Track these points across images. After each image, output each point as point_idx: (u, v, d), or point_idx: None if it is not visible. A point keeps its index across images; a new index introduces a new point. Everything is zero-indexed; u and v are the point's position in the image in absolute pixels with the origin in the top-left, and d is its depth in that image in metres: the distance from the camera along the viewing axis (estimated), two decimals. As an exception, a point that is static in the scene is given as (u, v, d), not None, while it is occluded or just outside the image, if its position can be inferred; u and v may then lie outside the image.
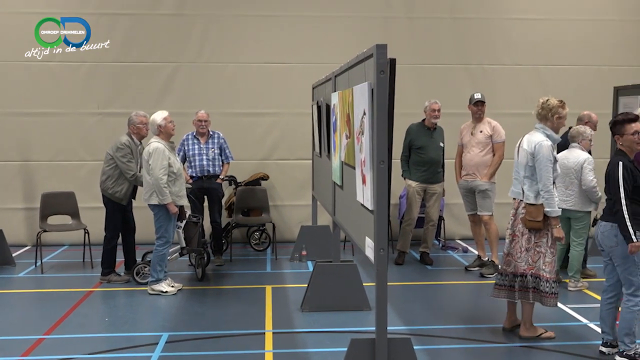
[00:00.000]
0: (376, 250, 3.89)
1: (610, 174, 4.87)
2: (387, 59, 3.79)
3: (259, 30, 9.41)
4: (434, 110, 7.91)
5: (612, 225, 4.85)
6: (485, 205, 7.56)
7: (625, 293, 4.90)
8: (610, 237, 4.87)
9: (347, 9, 9.48)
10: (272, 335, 5.64)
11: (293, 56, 9.42)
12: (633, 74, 9.36)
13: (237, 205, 8.79)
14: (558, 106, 5.26)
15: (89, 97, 9.26)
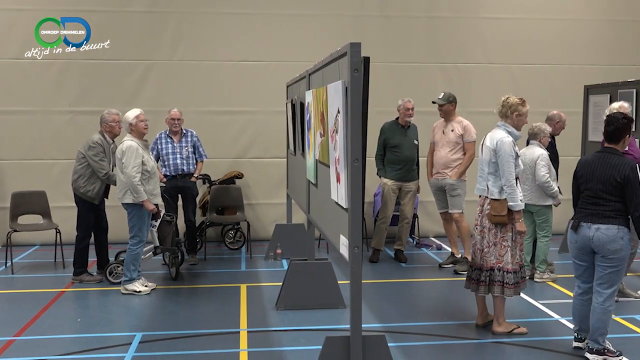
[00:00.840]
0: (350, 248, 3.90)
1: (628, 177, 4.71)
2: (361, 57, 3.79)
3: (233, 28, 9.37)
4: (407, 109, 7.95)
5: (619, 227, 4.75)
6: (456, 203, 7.64)
7: (605, 292, 4.84)
8: (616, 240, 4.73)
9: (321, 7, 9.48)
10: (247, 334, 5.62)
11: (267, 54, 9.40)
12: (603, 73, 9.50)
13: (212, 204, 8.74)
14: (518, 104, 5.41)
15: (60, 95, 9.14)
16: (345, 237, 4.03)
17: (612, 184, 4.76)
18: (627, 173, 4.71)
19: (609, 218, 4.76)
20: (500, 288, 5.38)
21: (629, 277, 7.36)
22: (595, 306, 4.89)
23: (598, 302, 4.87)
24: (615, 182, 4.74)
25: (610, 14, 10.04)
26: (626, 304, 6.35)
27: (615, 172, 4.75)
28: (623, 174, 4.72)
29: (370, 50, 5.36)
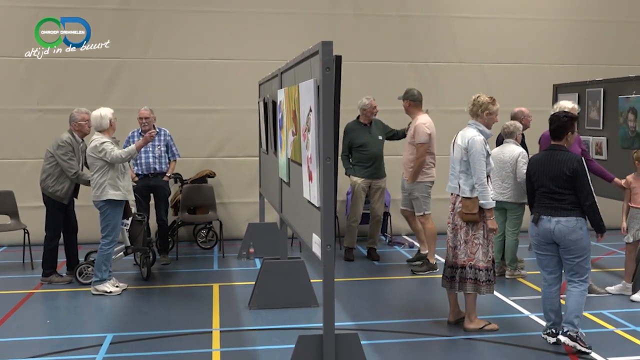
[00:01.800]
0: (323, 247, 3.90)
1: (576, 170, 5.00)
2: (332, 55, 3.80)
3: (205, 26, 9.30)
4: (374, 107, 7.98)
5: (578, 219, 5.01)
6: (415, 205, 7.69)
7: (578, 280, 5.09)
8: (576, 231, 5.00)
9: (293, 6, 9.47)
10: (220, 333, 5.60)
11: (240, 52, 9.36)
12: (572, 73, 9.65)
13: (183, 203, 8.68)
14: (488, 102, 5.47)
15: (29, 94, 8.99)
16: (318, 236, 4.04)
17: (563, 179, 5.04)
18: (575, 166, 5.01)
19: (567, 210, 5.04)
20: (473, 285, 5.44)
21: (597, 273, 7.49)
22: (571, 290, 5.12)
23: (574, 287, 5.12)
24: (566, 176, 5.03)
25: (579, 14, 10.19)
26: (595, 300, 6.45)
27: (564, 167, 5.04)
28: (571, 168, 5.01)
29: (342, 49, 5.37)
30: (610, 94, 7.49)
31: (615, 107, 7.32)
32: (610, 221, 9.28)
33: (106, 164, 6.56)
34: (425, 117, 7.64)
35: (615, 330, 5.61)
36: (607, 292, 6.62)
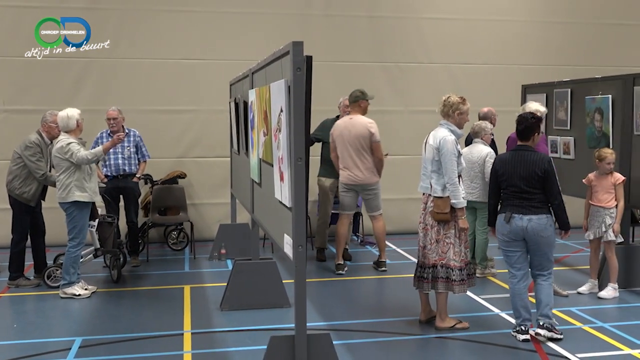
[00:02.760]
0: (294, 247, 3.90)
1: (547, 171, 5.19)
2: (303, 56, 3.79)
3: (175, 25, 9.23)
4: (347, 106, 7.96)
5: (547, 216, 5.22)
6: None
7: (545, 273, 5.33)
8: (547, 228, 5.21)
9: (264, 6, 9.44)
10: (191, 335, 5.55)
11: (210, 52, 9.30)
12: (540, 73, 9.78)
13: (154, 204, 8.60)
14: (459, 102, 5.52)
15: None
16: (289, 236, 4.03)
17: (534, 179, 5.19)
18: (546, 167, 5.19)
19: (538, 209, 5.21)
20: (444, 284, 5.46)
21: (565, 271, 7.60)
22: (541, 284, 5.35)
23: (543, 280, 5.35)
24: (537, 176, 5.18)
25: (547, 16, 10.34)
26: (563, 297, 6.55)
27: (536, 167, 5.20)
28: (543, 168, 5.18)
29: (313, 49, 5.36)
30: (577, 95, 7.61)
31: (583, 107, 7.44)
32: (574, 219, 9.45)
33: (72, 165, 6.47)
34: None
35: (583, 327, 5.70)
36: (565, 294, 6.63)
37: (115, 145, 6.88)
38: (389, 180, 9.54)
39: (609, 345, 5.25)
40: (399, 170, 9.63)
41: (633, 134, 6.72)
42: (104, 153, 6.67)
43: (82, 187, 6.53)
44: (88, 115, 6.95)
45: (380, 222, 7.72)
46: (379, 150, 7.46)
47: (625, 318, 5.95)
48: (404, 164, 9.55)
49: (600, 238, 6.58)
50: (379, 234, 7.73)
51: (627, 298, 6.55)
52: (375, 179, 7.51)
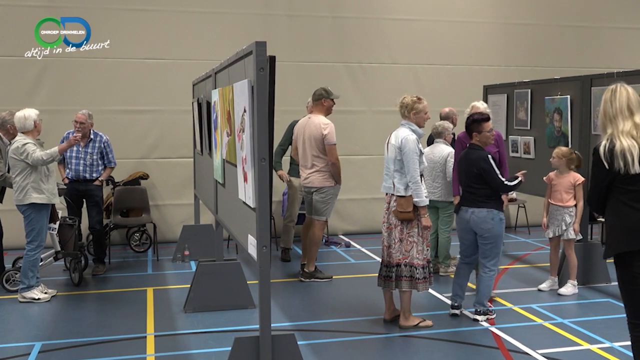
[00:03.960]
0: (259, 248, 3.88)
1: (484, 167, 5.55)
2: (266, 56, 3.78)
3: (136, 24, 9.12)
4: None
5: (488, 210, 5.61)
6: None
7: (487, 264, 5.73)
8: (487, 221, 5.61)
9: (227, 6, 9.39)
10: (154, 338, 5.49)
11: (172, 52, 9.21)
12: (501, 74, 9.94)
13: (116, 206, 8.48)
14: (414, 102, 5.57)
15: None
16: (254, 237, 4.01)
17: (473, 175, 5.64)
18: (481, 165, 5.59)
19: (480, 202, 5.63)
20: (409, 283, 5.52)
21: (526, 268, 7.72)
22: (482, 276, 5.79)
23: (484, 272, 5.77)
24: (474, 173, 5.62)
25: (508, 17, 10.50)
26: (524, 295, 6.66)
27: (473, 165, 5.64)
28: (478, 166, 5.60)
29: (276, 50, 5.35)
30: (537, 95, 7.75)
31: (542, 107, 7.58)
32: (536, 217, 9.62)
33: (28, 166, 6.34)
34: None
35: (544, 324, 5.80)
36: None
37: (72, 146, 6.72)
38: (353, 180, 9.60)
39: (569, 341, 5.35)
40: (363, 170, 9.69)
41: (591, 134, 6.86)
42: (60, 154, 6.51)
43: (39, 189, 6.40)
44: (46, 116, 6.80)
45: (316, 229, 7.22)
46: (332, 153, 7.02)
47: (585, 314, 6.08)
48: (368, 164, 9.61)
49: (559, 236, 6.71)
50: (310, 240, 7.26)
51: (586, 294, 6.69)
52: (326, 183, 7.09)
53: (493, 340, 5.37)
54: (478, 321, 5.79)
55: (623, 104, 3.70)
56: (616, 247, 3.73)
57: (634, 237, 3.65)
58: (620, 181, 3.67)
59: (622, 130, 3.65)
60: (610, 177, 3.69)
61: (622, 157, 3.60)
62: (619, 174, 3.65)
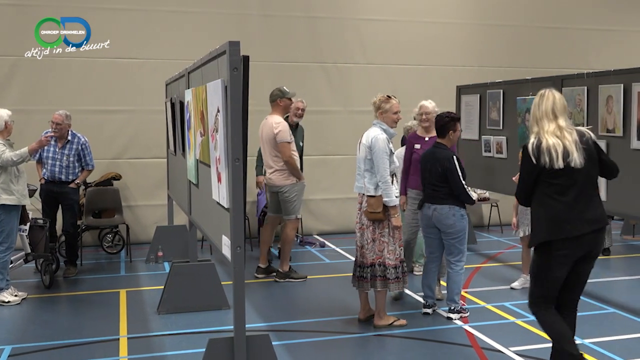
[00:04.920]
0: (233, 248, 3.86)
1: (450, 167, 5.65)
2: (240, 56, 3.77)
3: (108, 24, 9.01)
4: (298, 109, 7.81)
5: (450, 207, 5.72)
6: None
7: (453, 260, 5.83)
8: (449, 217, 5.72)
9: (201, 5, 9.34)
10: (127, 340, 5.44)
11: (145, 52, 9.13)
12: (474, 74, 10.02)
13: (87, 207, 8.37)
14: (382, 101, 5.60)
15: None
16: (228, 237, 4.00)
17: (438, 173, 5.72)
18: (446, 165, 5.69)
19: (442, 199, 5.73)
20: (382, 282, 5.53)
21: (499, 267, 7.80)
22: (450, 273, 5.88)
23: (451, 269, 5.87)
24: (439, 172, 5.72)
25: (480, 18, 10.60)
26: (496, 293, 6.72)
27: (439, 164, 5.72)
28: (444, 166, 5.69)
29: (250, 49, 5.33)
30: (509, 95, 7.82)
31: (514, 107, 7.65)
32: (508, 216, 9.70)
33: None
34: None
35: (516, 321, 5.86)
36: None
37: (43, 146, 6.63)
38: (327, 180, 9.62)
39: (540, 339, 5.41)
40: (338, 170, 9.70)
41: (562, 134, 6.94)
42: (30, 154, 6.41)
43: (9, 190, 6.30)
44: (16, 117, 6.70)
45: (288, 229, 7.22)
46: (285, 152, 7.00)
47: (556, 311, 6.15)
48: (343, 163, 9.63)
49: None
50: (283, 240, 7.29)
51: (558, 292, 6.77)
52: (286, 182, 7.10)
53: (467, 338, 5.42)
54: (452, 319, 5.84)
55: (549, 108, 4.05)
56: (540, 236, 4.09)
57: (556, 227, 4.02)
58: (546, 175, 4.02)
59: (547, 131, 4.02)
60: (537, 172, 4.04)
61: (548, 153, 3.97)
62: (544, 169, 4.00)
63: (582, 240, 4.03)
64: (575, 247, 4.04)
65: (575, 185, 3.99)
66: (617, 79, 6.15)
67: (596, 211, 4.07)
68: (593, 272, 4.34)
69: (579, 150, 3.97)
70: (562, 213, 4.01)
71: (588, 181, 4.04)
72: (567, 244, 4.03)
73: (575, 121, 6.71)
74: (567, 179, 3.99)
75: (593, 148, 4.06)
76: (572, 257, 4.07)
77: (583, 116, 6.60)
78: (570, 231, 3.99)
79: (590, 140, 4.07)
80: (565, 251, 4.04)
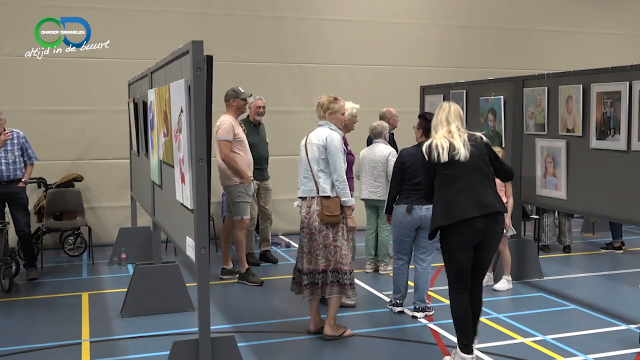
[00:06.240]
0: (197, 250, 3.83)
1: None
2: (203, 55, 3.74)
3: (70, 22, 8.85)
4: (258, 107, 7.81)
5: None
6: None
7: (425, 257, 5.93)
8: None
9: (164, 4, 9.24)
10: (90, 344, 5.35)
11: (107, 51, 8.98)
12: (437, 74, 10.11)
13: (48, 209, 8.21)
14: (330, 102, 5.40)
15: None
16: (192, 239, 3.96)
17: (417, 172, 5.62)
18: None
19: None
20: (338, 289, 5.27)
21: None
22: (420, 272, 5.95)
23: (422, 268, 5.94)
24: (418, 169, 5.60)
25: (444, 19, 10.70)
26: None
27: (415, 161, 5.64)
28: None
29: (214, 49, 5.30)
30: (472, 96, 7.92)
31: (477, 107, 7.75)
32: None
33: None
34: None
35: (480, 319, 5.91)
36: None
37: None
38: (292, 180, 9.58)
39: (504, 335, 5.49)
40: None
41: (523, 134, 7.07)
42: None
43: None
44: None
45: (235, 230, 7.15)
46: (221, 150, 6.86)
47: (519, 308, 6.25)
48: (308, 163, 9.60)
49: None
50: (234, 242, 7.23)
51: (520, 289, 6.88)
52: (229, 182, 7.03)
53: (432, 336, 5.47)
54: (417, 318, 5.88)
55: (443, 117, 4.74)
56: (437, 222, 4.61)
57: (448, 213, 4.53)
58: (439, 169, 4.61)
59: (439, 134, 4.70)
60: (431, 168, 4.65)
61: (436, 149, 4.60)
62: (436, 164, 4.60)
63: (473, 225, 4.48)
64: (467, 232, 4.50)
65: (463, 176, 4.53)
66: (576, 80, 6.27)
67: (486, 198, 4.53)
68: (554, 269, 4.44)
69: (465, 147, 4.56)
70: (453, 200, 4.52)
71: (476, 172, 4.55)
72: (459, 229, 4.51)
73: (537, 121, 6.83)
74: (455, 169, 4.54)
75: (483, 147, 4.65)
76: (468, 243, 4.54)
77: (544, 116, 6.71)
78: (458, 215, 4.48)
79: (481, 140, 4.68)
80: (459, 237, 4.53)
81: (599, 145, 5.98)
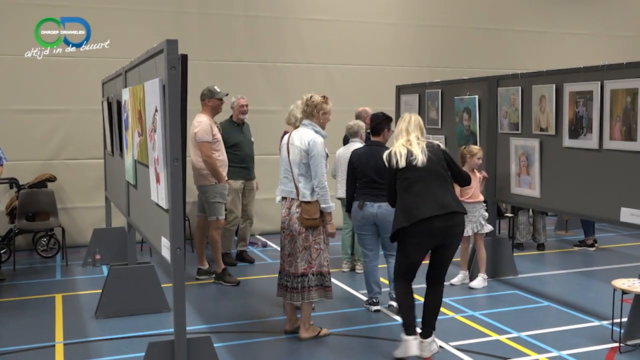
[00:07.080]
0: (172, 250, 3.81)
1: None
2: (178, 54, 3.71)
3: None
4: (241, 106, 7.78)
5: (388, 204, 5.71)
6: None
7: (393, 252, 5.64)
8: (391, 213, 5.48)
9: (139, 3, 9.16)
10: (63, 346, 5.28)
11: (81, 50, 8.87)
12: (413, 74, 10.17)
13: (20, 210, 8.09)
14: (322, 102, 5.31)
15: None
16: (167, 239, 3.93)
17: (379, 170, 5.61)
18: None
19: (384, 197, 5.52)
20: (318, 292, 5.26)
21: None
22: (390, 262, 5.97)
23: (391, 259, 5.94)
24: (380, 169, 5.59)
25: (419, 19, 10.76)
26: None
27: (381, 162, 5.44)
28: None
29: (189, 48, 5.27)
30: (447, 95, 7.97)
31: (452, 107, 7.80)
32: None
33: None
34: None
35: (456, 317, 5.97)
36: None
37: None
38: (269, 180, 9.57)
39: (479, 333, 5.54)
40: (278, 169, 9.65)
41: (498, 133, 7.13)
42: None
43: None
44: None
45: (210, 230, 7.12)
46: (202, 151, 6.85)
47: (494, 306, 6.31)
48: (284, 163, 9.59)
49: (475, 233, 6.90)
50: (210, 241, 7.19)
51: (495, 287, 6.95)
52: (203, 182, 7.00)
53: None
54: (393, 306, 6.00)
55: (404, 127, 5.01)
56: (398, 224, 4.82)
57: (408, 214, 4.75)
58: (399, 175, 4.86)
59: (399, 142, 4.98)
60: (392, 173, 4.91)
61: (395, 156, 4.89)
62: (396, 169, 4.87)
63: (432, 226, 4.71)
64: (426, 234, 4.74)
65: (421, 180, 4.79)
66: (549, 80, 6.35)
67: (444, 199, 4.78)
68: (528, 267, 4.50)
69: (423, 153, 4.83)
70: (412, 202, 4.77)
71: (434, 176, 4.82)
72: (418, 231, 4.73)
73: (511, 120, 6.90)
74: (413, 174, 4.80)
75: (441, 153, 4.94)
76: (425, 246, 4.84)
77: (518, 115, 6.78)
78: (418, 215, 4.70)
79: (438, 147, 4.98)
80: (417, 239, 4.77)
81: (572, 144, 6.05)
